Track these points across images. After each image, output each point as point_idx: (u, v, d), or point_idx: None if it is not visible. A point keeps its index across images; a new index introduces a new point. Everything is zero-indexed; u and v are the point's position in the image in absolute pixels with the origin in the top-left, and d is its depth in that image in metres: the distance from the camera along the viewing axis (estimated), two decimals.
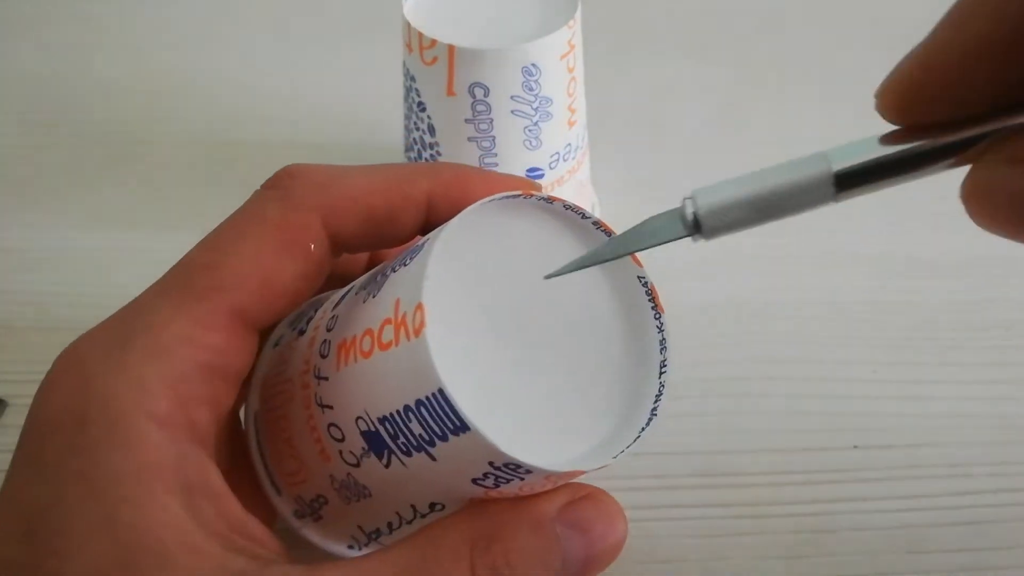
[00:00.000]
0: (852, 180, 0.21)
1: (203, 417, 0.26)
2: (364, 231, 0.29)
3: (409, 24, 0.40)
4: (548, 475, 0.25)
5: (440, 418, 0.24)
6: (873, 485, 0.37)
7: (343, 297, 0.29)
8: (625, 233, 0.25)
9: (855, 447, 0.38)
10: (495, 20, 0.40)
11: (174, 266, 0.28)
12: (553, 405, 0.26)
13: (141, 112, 0.55)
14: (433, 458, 0.25)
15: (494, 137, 0.40)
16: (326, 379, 0.28)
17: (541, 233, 0.27)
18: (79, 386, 0.25)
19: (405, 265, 0.26)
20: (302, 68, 0.58)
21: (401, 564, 0.25)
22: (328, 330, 0.29)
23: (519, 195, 0.27)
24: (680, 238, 0.23)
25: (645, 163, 0.51)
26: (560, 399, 0.26)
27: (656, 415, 0.27)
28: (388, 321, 0.25)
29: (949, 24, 0.21)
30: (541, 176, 0.42)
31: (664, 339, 0.28)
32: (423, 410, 0.24)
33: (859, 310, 0.43)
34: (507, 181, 0.30)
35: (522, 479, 0.25)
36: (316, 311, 0.30)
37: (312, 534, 0.31)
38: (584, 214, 0.28)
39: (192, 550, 0.24)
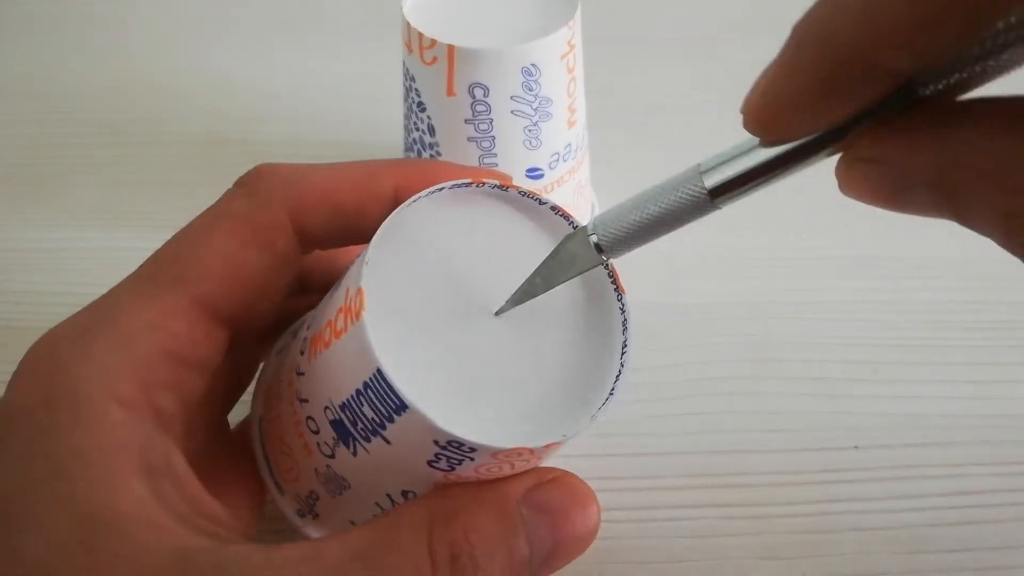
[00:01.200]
0: (726, 190, 0.23)
1: (167, 402, 0.27)
2: (332, 226, 0.29)
3: (409, 24, 0.40)
4: (495, 452, 0.24)
5: (383, 398, 0.24)
6: (873, 485, 0.37)
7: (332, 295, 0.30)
8: (548, 261, 0.26)
9: (855, 447, 0.38)
10: (495, 20, 0.40)
11: (145, 260, 0.29)
12: (509, 389, 0.26)
13: (141, 112, 0.55)
14: (388, 441, 0.25)
15: (494, 137, 0.40)
16: (303, 374, 0.28)
17: (498, 220, 0.28)
18: (48, 372, 0.26)
19: (363, 256, 0.27)
20: (302, 68, 0.58)
21: (360, 542, 0.25)
22: (307, 328, 0.29)
23: (468, 183, 0.27)
24: (596, 265, 0.26)
25: (645, 163, 0.51)
26: (517, 383, 0.26)
27: (613, 395, 0.26)
28: (341, 310, 0.26)
29: (788, 51, 0.22)
30: (541, 176, 0.42)
31: (626, 319, 0.28)
32: (370, 392, 0.25)
33: (859, 310, 0.43)
34: (472, 173, 0.30)
35: (472, 459, 0.25)
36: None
37: (313, 533, 0.31)
38: (541, 200, 0.28)
39: (152, 527, 0.24)
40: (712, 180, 0.23)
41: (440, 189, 0.27)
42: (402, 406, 0.24)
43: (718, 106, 0.55)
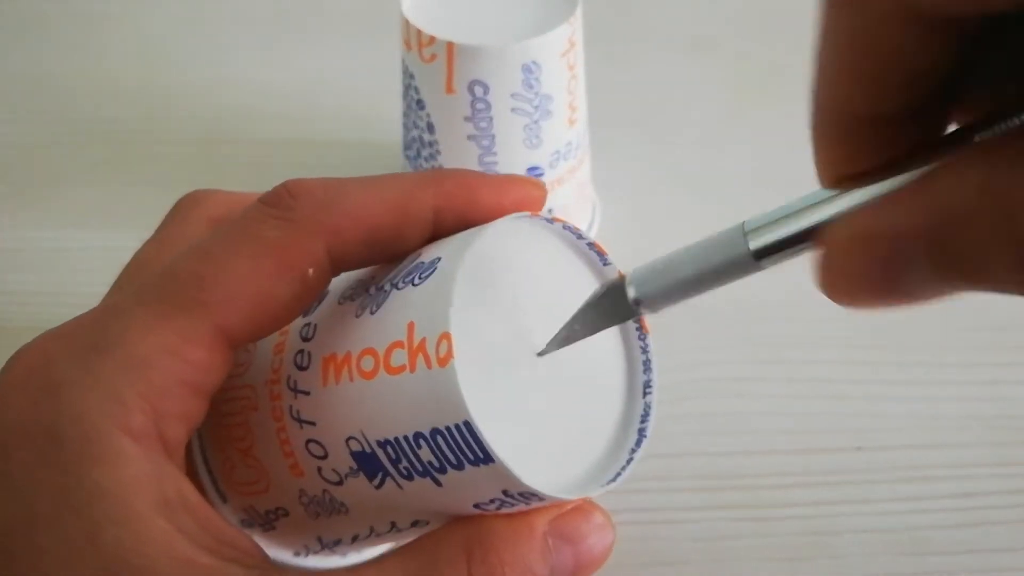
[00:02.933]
0: (772, 251, 0.22)
1: (175, 433, 0.25)
2: (368, 252, 0.28)
3: (408, 21, 0.39)
4: (555, 501, 0.25)
5: (460, 448, 0.24)
6: (876, 487, 0.36)
7: (319, 303, 0.28)
8: (585, 309, 0.26)
9: (858, 448, 0.38)
10: (495, 17, 0.40)
11: (157, 272, 0.27)
12: (552, 428, 0.26)
13: (140, 111, 0.55)
14: (439, 484, 0.25)
15: (494, 135, 0.40)
16: (307, 393, 0.27)
17: (542, 253, 0.27)
18: (46, 393, 0.24)
19: (415, 285, 0.26)
20: (301, 66, 0.58)
21: (400, 573, 0.25)
22: (305, 339, 0.28)
23: (528, 216, 0.27)
24: (632, 318, 0.26)
25: (646, 163, 0.51)
26: (559, 422, 0.26)
27: (645, 436, 0.27)
28: (399, 344, 0.25)
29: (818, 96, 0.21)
30: (541, 175, 0.41)
31: (648, 359, 0.28)
32: (439, 439, 0.24)
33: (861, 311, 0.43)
34: (511, 183, 0.29)
35: (528, 504, 0.25)
36: None
37: (259, 543, 0.30)
38: (580, 235, 0.27)
39: (183, 563, 0.23)
40: (757, 242, 0.22)
41: (500, 224, 0.26)
42: (486, 459, 0.23)
43: (720, 104, 0.55)
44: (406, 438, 0.24)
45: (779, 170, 0.49)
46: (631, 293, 0.24)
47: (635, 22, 0.61)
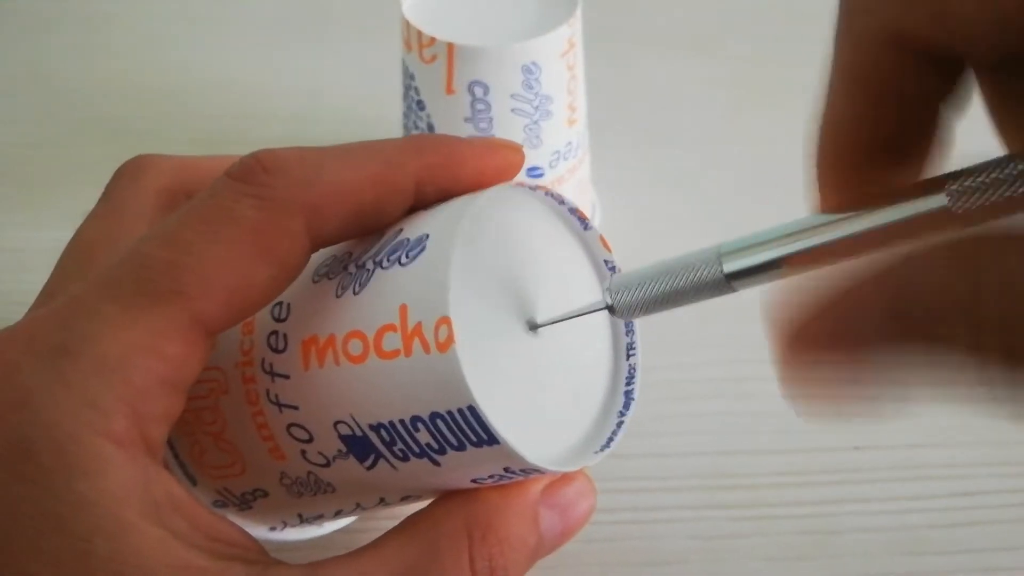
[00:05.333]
0: (745, 275, 0.23)
1: (157, 433, 0.24)
2: (349, 228, 0.26)
3: (408, 22, 0.39)
4: (553, 474, 0.25)
5: (462, 431, 0.24)
6: (874, 486, 0.36)
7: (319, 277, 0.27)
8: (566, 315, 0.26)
9: (856, 448, 0.38)
10: (495, 18, 0.40)
11: (122, 260, 0.25)
12: (545, 398, 0.26)
13: (140, 111, 0.55)
14: (437, 464, 0.25)
15: (494, 136, 0.40)
16: (285, 377, 0.26)
17: (526, 222, 0.27)
18: (14, 403, 0.23)
19: (402, 264, 0.25)
20: (302, 66, 0.58)
21: (400, 560, 0.24)
22: (278, 320, 0.27)
23: (509, 186, 0.26)
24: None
25: (646, 162, 0.51)
26: (552, 392, 0.26)
27: (633, 399, 0.27)
28: (390, 328, 0.24)
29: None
30: (541, 175, 0.41)
31: (631, 322, 0.28)
32: (440, 422, 0.24)
33: None
34: (491, 150, 0.28)
35: (526, 476, 0.25)
36: None
37: (233, 521, 0.29)
38: (561, 200, 0.27)
39: (182, 569, 0.22)
40: (731, 266, 0.23)
41: (488, 198, 0.25)
42: (491, 441, 0.23)
43: (720, 103, 0.55)
44: (402, 422, 0.24)
45: (779, 170, 0.49)
46: (607, 300, 0.25)
47: (635, 22, 0.61)
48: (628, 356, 0.28)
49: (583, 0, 0.41)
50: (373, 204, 0.26)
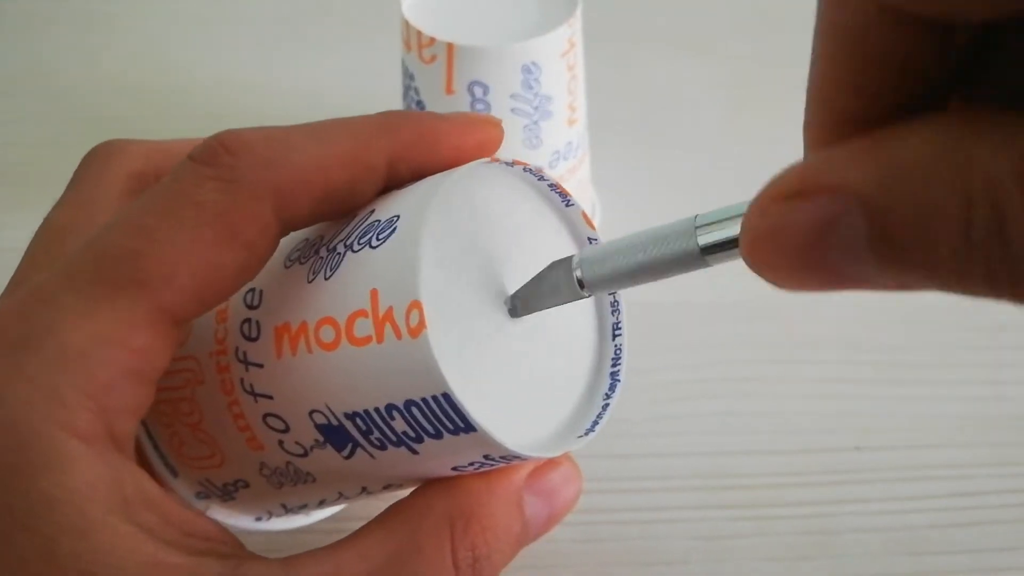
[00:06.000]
0: (720, 249, 0.21)
1: (125, 427, 0.23)
2: (319, 210, 0.25)
3: (408, 22, 0.39)
4: (535, 460, 0.25)
5: (438, 419, 0.23)
6: (875, 486, 0.36)
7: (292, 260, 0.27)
8: (531, 284, 0.25)
9: (856, 448, 0.38)
10: (494, 18, 0.40)
11: (83, 248, 0.24)
12: (526, 382, 0.25)
13: (140, 110, 0.55)
14: (415, 452, 0.24)
15: None
16: (259, 366, 0.25)
17: (504, 199, 0.26)
18: None
19: (372, 247, 0.24)
20: (301, 66, 0.58)
21: (381, 553, 0.24)
22: (250, 307, 0.26)
23: (484, 162, 0.25)
24: (577, 300, 0.24)
25: (646, 162, 0.51)
26: (532, 376, 0.25)
27: (619, 380, 0.26)
28: (361, 314, 0.23)
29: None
30: None
31: (616, 300, 0.27)
32: (415, 410, 0.23)
33: (861, 310, 0.43)
34: (469, 125, 0.27)
35: (508, 463, 0.24)
36: None
37: (217, 513, 0.29)
38: (541, 176, 0.26)
39: (154, 566, 0.22)
40: (707, 239, 0.21)
41: (459, 176, 0.24)
42: (467, 428, 0.23)
43: (720, 104, 0.55)
44: (376, 410, 0.24)
45: (779, 170, 0.49)
46: (576, 274, 0.24)
47: (635, 22, 0.61)
48: (614, 336, 0.27)
49: (583, 0, 0.41)
50: (344, 184, 0.25)
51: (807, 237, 0.16)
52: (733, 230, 0.21)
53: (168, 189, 0.24)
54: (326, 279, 0.24)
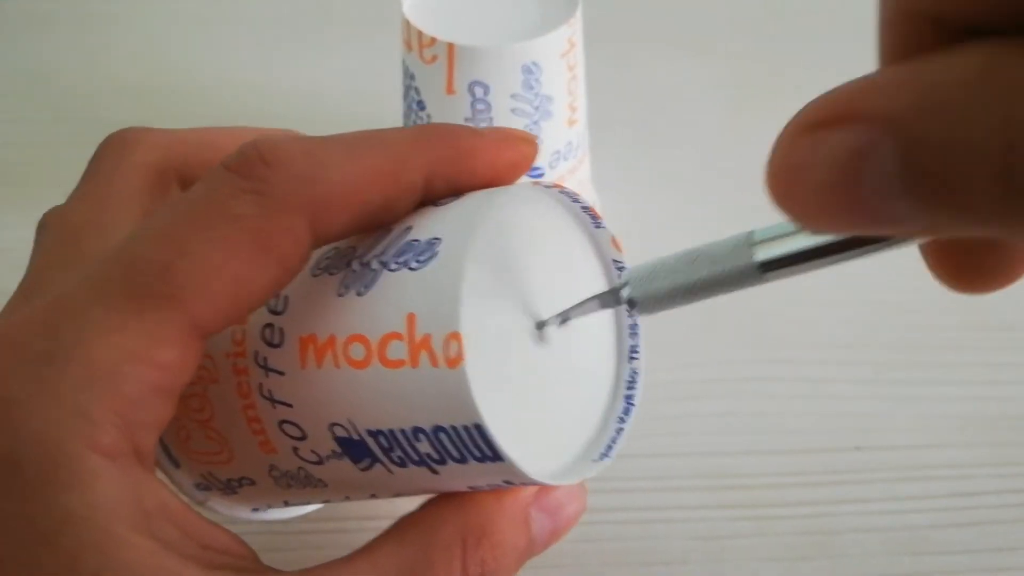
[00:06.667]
0: (780, 265, 0.21)
1: (148, 441, 0.23)
2: (353, 224, 0.25)
3: (408, 22, 0.39)
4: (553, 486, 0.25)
5: (466, 446, 0.23)
6: (875, 486, 0.36)
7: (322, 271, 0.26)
8: (579, 306, 0.25)
9: (857, 448, 0.38)
10: (495, 18, 0.40)
11: (111, 258, 0.23)
12: (550, 408, 0.26)
13: (141, 111, 0.55)
14: (435, 472, 0.24)
15: None
16: (280, 373, 0.25)
17: (540, 223, 0.26)
18: None
19: (412, 269, 0.24)
20: (302, 67, 0.58)
21: (394, 565, 0.24)
22: (274, 312, 0.26)
23: (527, 186, 0.25)
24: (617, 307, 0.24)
25: (646, 163, 0.51)
26: (555, 402, 0.26)
27: (633, 404, 0.27)
28: (396, 336, 0.23)
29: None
30: (541, 175, 0.41)
31: (635, 324, 0.27)
32: (443, 435, 0.23)
33: (861, 310, 0.43)
34: (504, 142, 0.26)
35: (525, 486, 0.25)
36: None
37: (217, 504, 0.29)
38: (575, 198, 0.26)
39: None
40: (765, 254, 0.21)
41: (503, 199, 0.24)
42: (495, 458, 0.23)
43: (720, 104, 0.55)
44: (403, 431, 0.24)
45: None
46: (625, 294, 0.23)
47: (635, 22, 0.61)
48: (630, 360, 0.27)
49: (583, 0, 0.41)
50: (379, 200, 0.24)
51: (834, 172, 0.15)
52: (791, 246, 0.20)
53: (201, 200, 0.23)
54: (359, 295, 0.24)
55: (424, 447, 0.24)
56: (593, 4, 0.44)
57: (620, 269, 0.27)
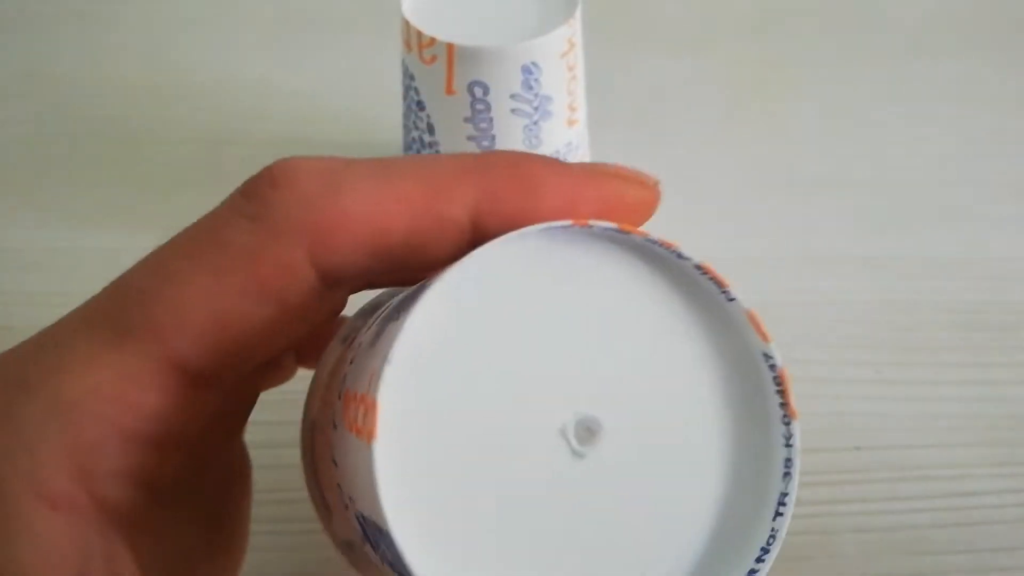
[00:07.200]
0: None
1: (118, 492, 0.20)
2: (374, 265, 0.21)
3: (408, 22, 0.39)
4: None
5: (390, 557, 0.18)
6: (874, 486, 0.36)
7: (378, 316, 0.22)
8: None
9: (856, 448, 0.38)
10: (495, 18, 0.40)
11: (106, 287, 0.21)
12: (577, 559, 0.18)
13: (141, 111, 0.55)
14: None
15: (494, 136, 0.40)
16: (336, 429, 0.20)
17: (607, 280, 0.19)
18: None
19: (395, 320, 0.19)
20: (301, 67, 0.58)
21: None
22: (351, 362, 0.21)
23: (568, 224, 0.18)
24: None
25: (646, 162, 0.51)
26: (590, 550, 0.18)
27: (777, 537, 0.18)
28: (357, 400, 0.18)
29: None
30: None
31: (791, 458, 0.19)
32: (374, 531, 0.18)
33: (860, 311, 0.43)
34: (592, 178, 0.21)
35: None
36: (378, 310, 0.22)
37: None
38: (680, 254, 0.19)
39: None
40: None
41: (506, 241, 0.18)
42: None
43: (720, 104, 0.55)
44: (364, 517, 0.19)
45: (779, 170, 0.49)
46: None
47: (635, 22, 0.61)
48: (777, 514, 0.19)
49: (583, 0, 0.41)
50: (401, 234, 0.20)
51: None
52: None
53: (199, 224, 0.21)
54: (372, 348, 0.20)
55: (384, 547, 0.18)
56: (593, 4, 0.44)
57: (772, 368, 0.20)
